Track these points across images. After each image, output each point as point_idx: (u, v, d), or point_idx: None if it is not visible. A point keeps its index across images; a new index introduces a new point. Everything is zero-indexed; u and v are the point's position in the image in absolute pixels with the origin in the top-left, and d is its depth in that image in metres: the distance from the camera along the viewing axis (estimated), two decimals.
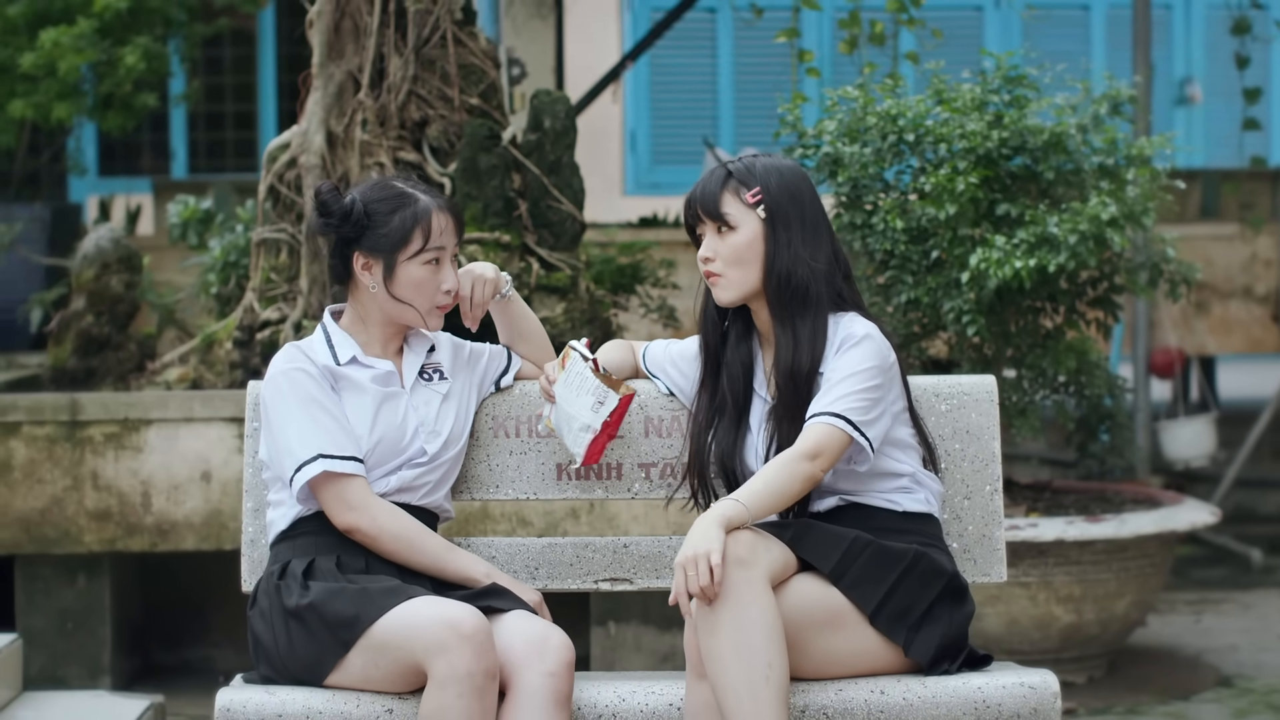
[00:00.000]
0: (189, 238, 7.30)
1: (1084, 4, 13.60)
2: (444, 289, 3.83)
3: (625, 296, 7.15)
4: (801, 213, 3.84)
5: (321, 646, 3.63)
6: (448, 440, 3.87)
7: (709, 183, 3.89)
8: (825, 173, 6.13)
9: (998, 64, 6.16)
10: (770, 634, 3.54)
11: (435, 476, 3.86)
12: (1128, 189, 5.93)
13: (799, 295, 3.79)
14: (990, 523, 4.09)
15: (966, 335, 5.93)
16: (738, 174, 3.86)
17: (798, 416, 3.75)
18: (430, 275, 3.82)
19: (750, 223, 3.83)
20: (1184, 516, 6.26)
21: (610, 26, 13.87)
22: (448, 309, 3.87)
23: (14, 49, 8.49)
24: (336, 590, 3.63)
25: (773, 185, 3.84)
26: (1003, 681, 3.74)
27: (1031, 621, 6.04)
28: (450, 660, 3.49)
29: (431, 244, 3.81)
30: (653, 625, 6.13)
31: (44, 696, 5.62)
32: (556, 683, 3.57)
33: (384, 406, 3.81)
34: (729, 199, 3.84)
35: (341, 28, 6.63)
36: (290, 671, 3.68)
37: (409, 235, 3.79)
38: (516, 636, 3.60)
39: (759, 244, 3.81)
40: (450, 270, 3.85)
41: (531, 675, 3.56)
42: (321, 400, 3.76)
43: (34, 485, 6.11)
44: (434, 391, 3.89)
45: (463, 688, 3.49)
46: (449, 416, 3.89)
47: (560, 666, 3.58)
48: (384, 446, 3.79)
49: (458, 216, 3.88)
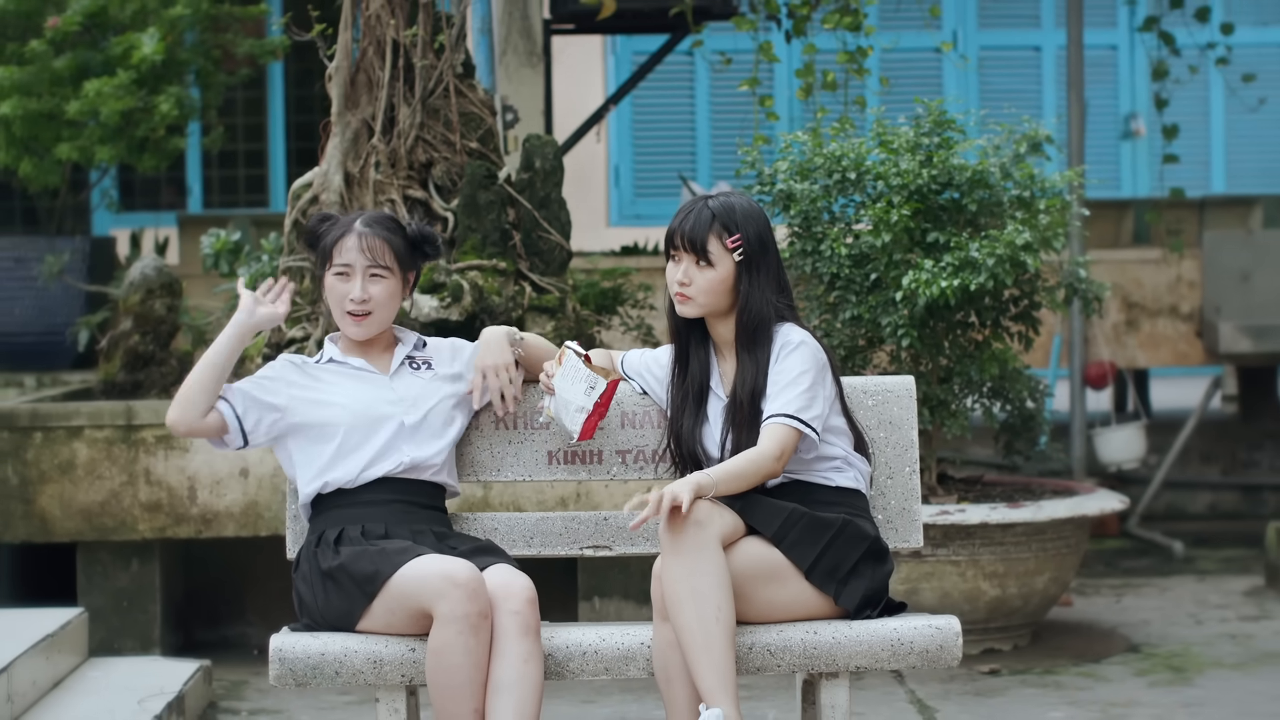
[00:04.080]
0: (220, 266, 7.86)
1: (1035, 45, 14.01)
2: (351, 298, 4.55)
3: (608, 316, 7.71)
4: (767, 256, 4.52)
5: (351, 599, 4.36)
6: (429, 414, 4.59)
7: (697, 221, 4.47)
8: (780, 206, 6.90)
9: (929, 109, 6.99)
10: (719, 583, 4.25)
11: (429, 452, 4.58)
12: (1040, 217, 6.75)
13: (763, 327, 4.49)
14: (909, 498, 4.75)
15: (902, 346, 6.76)
16: (722, 218, 4.45)
17: (753, 421, 4.45)
18: (337, 284, 4.57)
19: (726, 263, 4.47)
20: (1094, 504, 6.99)
21: (595, 70, 14.07)
22: (360, 319, 4.56)
23: (60, 98, 8.97)
24: (360, 552, 4.37)
25: (750, 234, 4.49)
26: (914, 624, 4.41)
27: (961, 595, 6.79)
28: (450, 604, 4.24)
29: (338, 261, 4.56)
30: (633, 600, 6.85)
31: (107, 661, 6.31)
32: (521, 619, 4.27)
33: (355, 385, 4.56)
34: (713, 240, 4.46)
35: (357, 81, 7.19)
36: (328, 621, 4.41)
37: (328, 254, 4.59)
38: (491, 585, 4.33)
39: (730, 280, 4.48)
40: (357, 284, 4.53)
41: (502, 615, 4.29)
42: (264, 375, 4.57)
43: (94, 481, 6.74)
44: (418, 378, 4.62)
45: (461, 626, 4.24)
46: (432, 396, 4.61)
47: (522, 605, 4.28)
48: (360, 412, 4.52)
49: (378, 239, 4.54)
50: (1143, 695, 6.29)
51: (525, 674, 4.27)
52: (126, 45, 9.03)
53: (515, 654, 4.27)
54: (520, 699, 4.25)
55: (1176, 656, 6.87)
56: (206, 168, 13.23)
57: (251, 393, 4.56)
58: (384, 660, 4.34)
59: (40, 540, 6.80)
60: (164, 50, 8.95)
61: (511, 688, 4.26)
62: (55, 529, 6.78)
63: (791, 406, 4.42)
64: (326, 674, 4.34)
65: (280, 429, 4.58)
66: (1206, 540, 9.50)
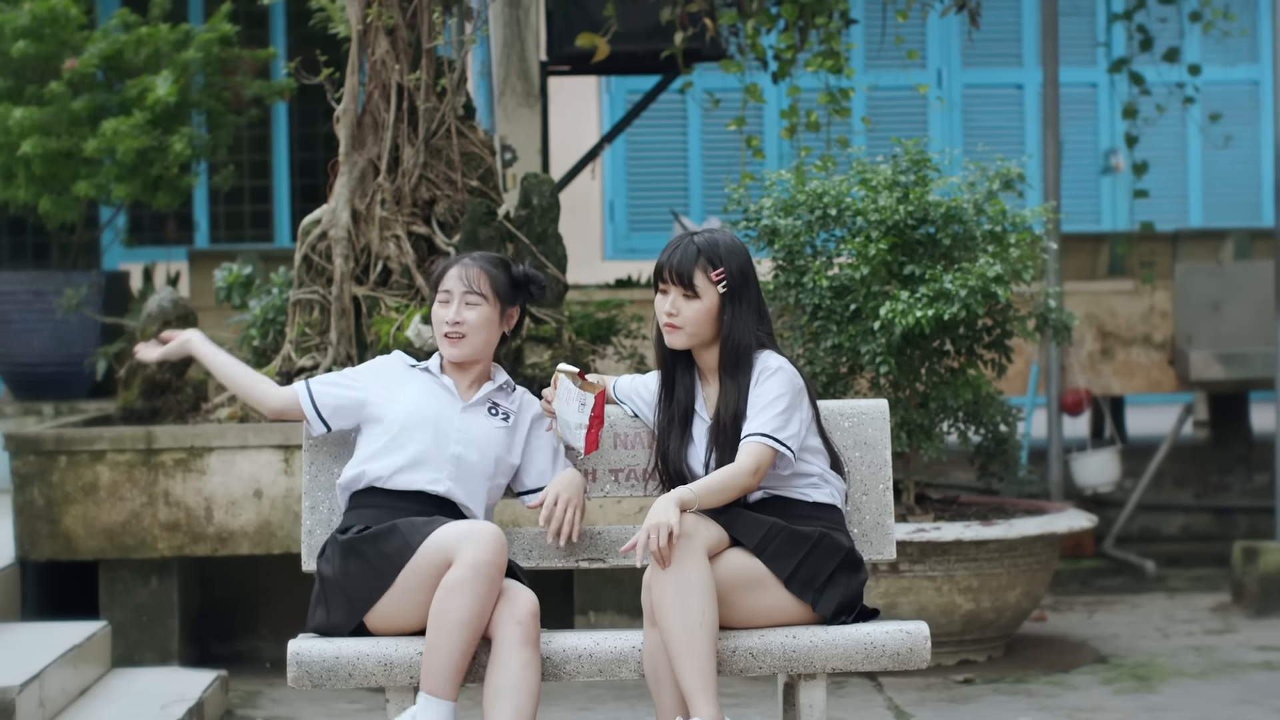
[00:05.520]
0: (233, 299, 8.18)
1: (1018, 84, 14.23)
2: (446, 320, 4.95)
3: (602, 346, 7.99)
4: (749, 288, 4.86)
5: (378, 571, 4.67)
6: (480, 454, 4.89)
7: (684, 255, 4.78)
8: (765, 241, 7.27)
9: (906, 149, 7.36)
10: (704, 591, 4.57)
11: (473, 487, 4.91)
12: (1010, 251, 7.12)
13: (744, 354, 4.83)
14: (883, 513, 5.05)
15: (881, 374, 7.13)
16: (706, 253, 4.77)
17: (736, 439, 4.78)
18: (439, 310, 4.98)
19: (711, 295, 4.79)
20: (1064, 522, 7.34)
21: (590, 110, 14.23)
22: (455, 340, 4.94)
23: (78, 137, 9.34)
24: (388, 529, 4.70)
25: (733, 268, 4.82)
26: (886, 629, 4.72)
27: (938, 608, 7.14)
28: (473, 550, 4.58)
29: (441, 288, 4.98)
30: (626, 613, 7.18)
31: (129, 671, 6.68)
32: (523, 629, 4.60)
33: (429, 395, 4.94)
34: (698, 274, 4.78)
35: (363, 123, 7.52)
36: (351, 596, 4.68)
37: (436, 285, 5.01)
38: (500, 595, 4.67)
39: (714, 311, 4.82)
40: (454, 307, 4.92)
41: (506, 624, 4.62)
42: (357, 370, 5.02)
43: (116, 502, 7.07)
44: (489, 421, 4.96)
45: (476, 570, 4.57)
46: (492, 440, 4.94)
47: (526, 616, 4.60)
48: (420, 417, 4.89)
49: (476, 268, 4.96)
50: (1108, 702, 6.64)
51: (523, 679, 4.59)
52: (141, 87, 9.39)
53: (516, 661, 4.60)
54: (518, 704, 4.58)
55: (1142, 666, 7.23)
56: (213, 204, 13.47)
57: (336, 380, 5.00)
58: (394, 663, 4.63)
59: (65, 558, 7.12)
60: (177, 92, 9.31)
61: (511, 692, 4.58)
62: (79, 547, 7.11)
63: (768, 426, 4.75)
64: (340, 675, 4.63)
65: (361, 417, 4.97)
66: (1179, 560, 9.83)
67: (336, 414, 4.98)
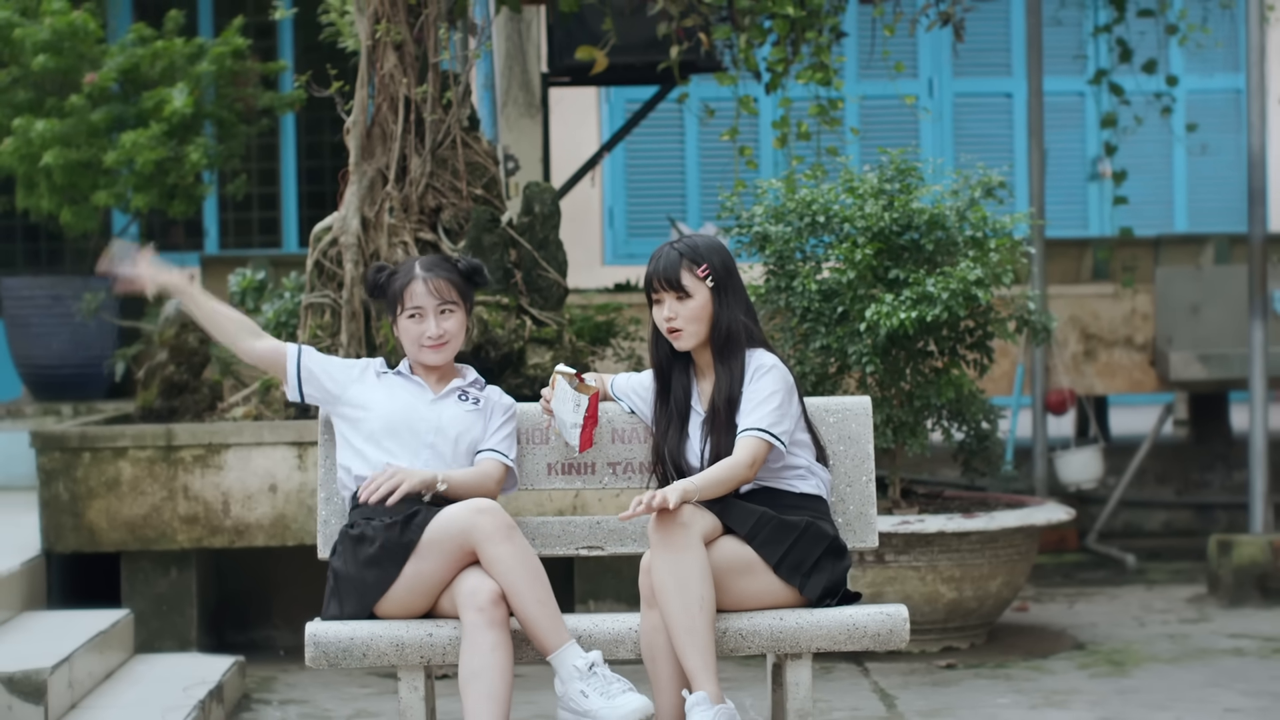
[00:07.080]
0: (246, 302, 8.40)
1: (1007, 92, 14.42)
2: (428, 335, 5.21)
3: (601, 347, 8.24)
4: (733, 280, 5.15)
5: (386, 562, 4.92)
6: (456, 439, 5.16)
7: (668, 261, 5.04)
8: (756, 246, 7.56)
9: (891, 158, 7.67)
10: (702, 576, 4.84)
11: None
12: (991, 255, 7.42)
13: (734, 341, 5.12)
14: (866, 504, 5.30)
15: (868, 373, 7.44)
16: (688, 255, 5.04)
17: (729, 427, 5.07)
18: (413, 325, 5.23)
19: (702, 291, 5.06)
20: (1042, 515, 7.63)
21: (590, 119, 14.37)
22: (439, 348, 5.21)
23: (97, 148, 9.58)
24: (391, 522, 4.96)
25: (716, 263, 5.11)
26: (868, 611, 4.96)
27: (922, 598, 7.43)
28: (488, 520, 4.87)
29: (410, 305, 5.22)
30: (624, 602, 7.43)
31: (151, 657, 6.98)
32: (486, 615, 4.83)
33: (402, 392, 5.22)
34: (685, 274, 5.05)
35: (372, 134, 7.74)
36: (364, 585, 4.94)
37: (398, 300, 5.25)
38: (462, 590, 4.87)
39: (708, 306, 5.11)
40: (431, 322, 5.16)
41: (469, 611, 4.84)
42: (342, 362, 5.28)
43: (137, 496, 7.34)
44: (459, 406, 5.25)
45: (509, 532, 4.87)
46: (463, 423, 5.21)
47: (486, 602, 4.83)
48: (402, 418, 5.13)
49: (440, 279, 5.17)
50: (1083, 685, 6.96)
51: (493, 661, 4.83)
52: (158, 99, 9.63)
53: (485, 643, 4.84)
54: (491, 685, 4.82)
55: (1118, 653, 7.54)
56: (222, 210, 13.64)
57: (324, 365, 5.26)
58: (405, 643, 4.90)
59: (89, 550, 7.40)
60: (192, 104, 9.56)
61: (483, 674, 4.82)
62: (102, 540, 7.39)
63: (764, 422, 5.04)
64: (355, 655, 4.88)
65: (332, 409, 5.25)
66: (1159, 555, 10.11)
67: (311, 395, 5.27)
